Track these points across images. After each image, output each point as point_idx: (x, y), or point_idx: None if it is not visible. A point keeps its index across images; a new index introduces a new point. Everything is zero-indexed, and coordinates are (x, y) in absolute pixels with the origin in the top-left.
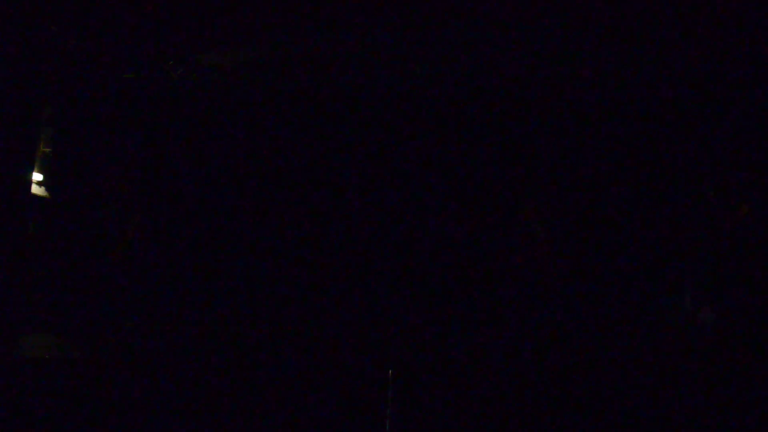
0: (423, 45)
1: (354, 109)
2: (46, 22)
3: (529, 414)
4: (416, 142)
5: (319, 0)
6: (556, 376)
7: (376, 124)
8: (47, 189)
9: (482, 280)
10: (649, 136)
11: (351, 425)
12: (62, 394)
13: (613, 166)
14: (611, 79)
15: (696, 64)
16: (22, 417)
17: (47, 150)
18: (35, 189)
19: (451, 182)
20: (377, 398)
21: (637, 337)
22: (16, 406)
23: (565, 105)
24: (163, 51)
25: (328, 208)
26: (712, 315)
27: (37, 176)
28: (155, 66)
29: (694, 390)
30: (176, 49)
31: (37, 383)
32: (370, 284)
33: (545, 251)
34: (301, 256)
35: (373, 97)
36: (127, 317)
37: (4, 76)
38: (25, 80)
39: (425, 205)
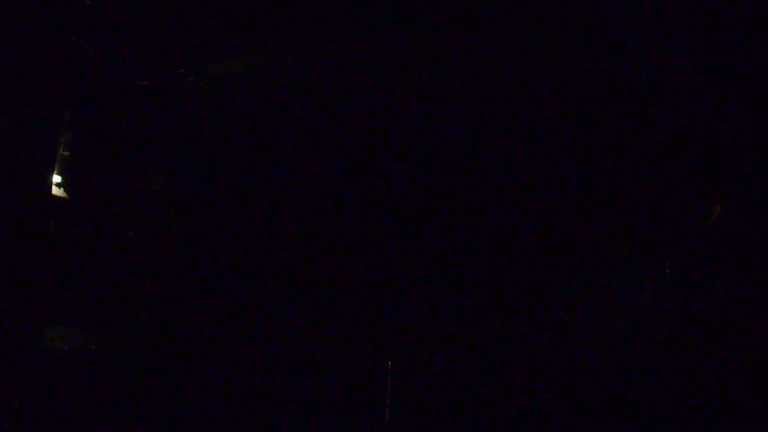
0: (425, 52)
1: (358, 115)
2: (67, 33)
3: (528, 405)
4: (417, 144)
5: (325, 9)
6: (552, 367)
7: (377, 127)
8: (66, 190)
9: (479, 272)
10: (627, 138)
11: (351, 416)
12: (81, 385)
13: (597, 168)
14: (596, 76)
15: (670, 65)
16: (44, 407)
17: (66, 153)
18: (55, 190)
19: (448, 180)
20: (376, 389)
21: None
22: (38, 396)
23: (550, 103)
24: (175, 60)
25: (329, 206)
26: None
27: (56, 178)
28: (167, 73)
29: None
30: (187, 58)
31: (57, 374)
32: (369, 276)
33: (535, 246)
34: (304, 252)
35: (376, 102)
36: (144, 310)
37: (26, 84)
38: (46, 88)
39: (424, 201)
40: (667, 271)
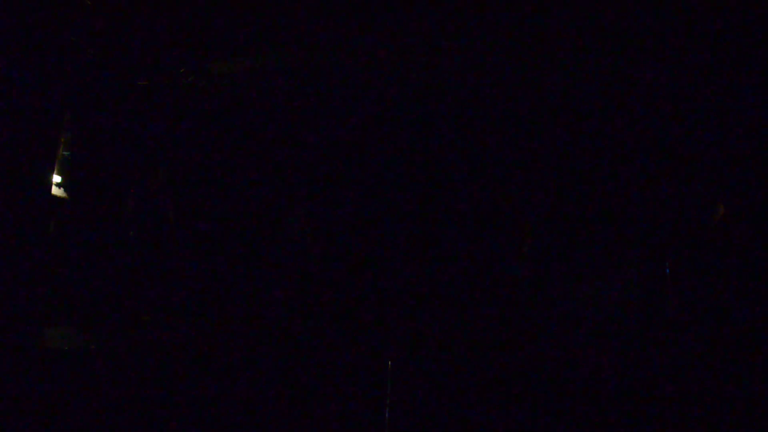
0: (426, 53)
1: (358, 115)
2: (67, 33)
3: (528, 405)
4: (418, 144)
5: (326, 9)
6: (552, 367)
7: (378, 127)
8: (66, 190)
9: (480, 271)
10: (628, 138)
11: (350, 416)
12: (81, 385)
13: (602, 170)
14: (598, 76)
15: (669, 67)
16: (44, 407)
17: (66, 153)
18: (55, 190)
19: (449, 181)
20: (376, 389)
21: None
22: (38, 396)
23: (552, 105)
24: (175, 60)
25: (330, 206)
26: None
27: (56, 178)
28: (167, 73)
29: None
30: (187, 58)
31: (57, 374)
32: (370, 276)
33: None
34: (304, 252)
35: (377, 102)
36: (144, 310)
37: (27, 84)
38: (46, 88)
39: (424, 201)
40: (667, 271)
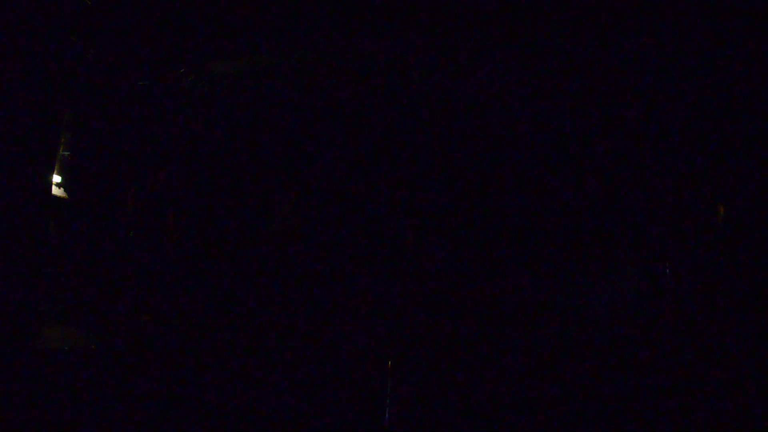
0: (426, 53)
1: (358, 115)
2: (66, 33)
3: (528, 405)
4: (417, 144)
5: (326, 9)
6: (551, 367)
7: (377, 127)
8: (66, 190)
9: (479, 272)
10: (628, 138)
11: (350, 416)
12: (81, 385)
13: (602, 170)
14: (598, 76)
15: (669, 66)
16: (44, 407)
17: (66, 153)
18: (55, 190)
19: (448, 181)
20: (376, 389)
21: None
22: (38, 396)
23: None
24: (175, 60)
25: (330, 206)
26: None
27: (56, 178)
28: (168, 73)
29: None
30: (187, 58)
31: (57, 374)
32: (369, 276)
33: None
34: (304, 252)
35: (377, 102)
36: (144, 311)
37: (26, 83)
38: (45, 88)
39: (423, 201)
40: (667, 271)
